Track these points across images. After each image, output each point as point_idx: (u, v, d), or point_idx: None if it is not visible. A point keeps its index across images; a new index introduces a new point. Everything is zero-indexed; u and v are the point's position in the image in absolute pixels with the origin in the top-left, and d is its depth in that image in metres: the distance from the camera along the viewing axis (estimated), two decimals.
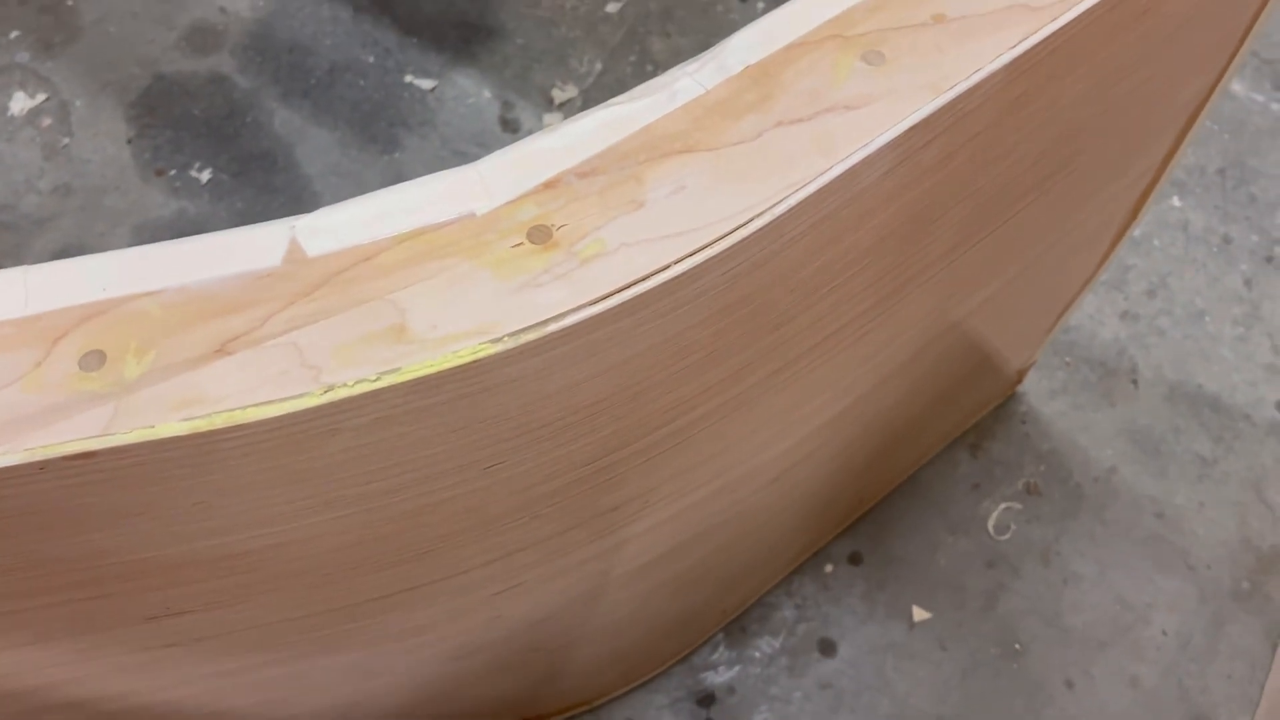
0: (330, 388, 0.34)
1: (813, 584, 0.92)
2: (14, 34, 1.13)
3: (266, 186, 1.05)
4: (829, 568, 0.92)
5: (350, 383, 0.34)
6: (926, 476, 0.97)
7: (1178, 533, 0.95)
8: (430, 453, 0.38)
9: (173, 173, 1.05)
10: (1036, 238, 0.60)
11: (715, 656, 0.89)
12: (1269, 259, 1.05)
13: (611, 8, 1.16)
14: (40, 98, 1.10)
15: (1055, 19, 0.41)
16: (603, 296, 0.35)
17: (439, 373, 0.34)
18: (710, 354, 0.42)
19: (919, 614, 0.91)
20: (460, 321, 0.35)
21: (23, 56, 1.12)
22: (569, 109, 1.09)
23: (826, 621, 0.90)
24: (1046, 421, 0.99)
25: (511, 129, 1.09)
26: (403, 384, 0.34)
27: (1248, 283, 1.04)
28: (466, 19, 1.15)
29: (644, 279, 0.36)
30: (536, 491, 0.45)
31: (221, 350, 0.34)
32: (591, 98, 1.10)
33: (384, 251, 0.36)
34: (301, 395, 0.33)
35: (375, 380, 0.34)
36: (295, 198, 1.04)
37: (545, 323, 0.35)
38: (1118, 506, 0.96)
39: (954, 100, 0.39)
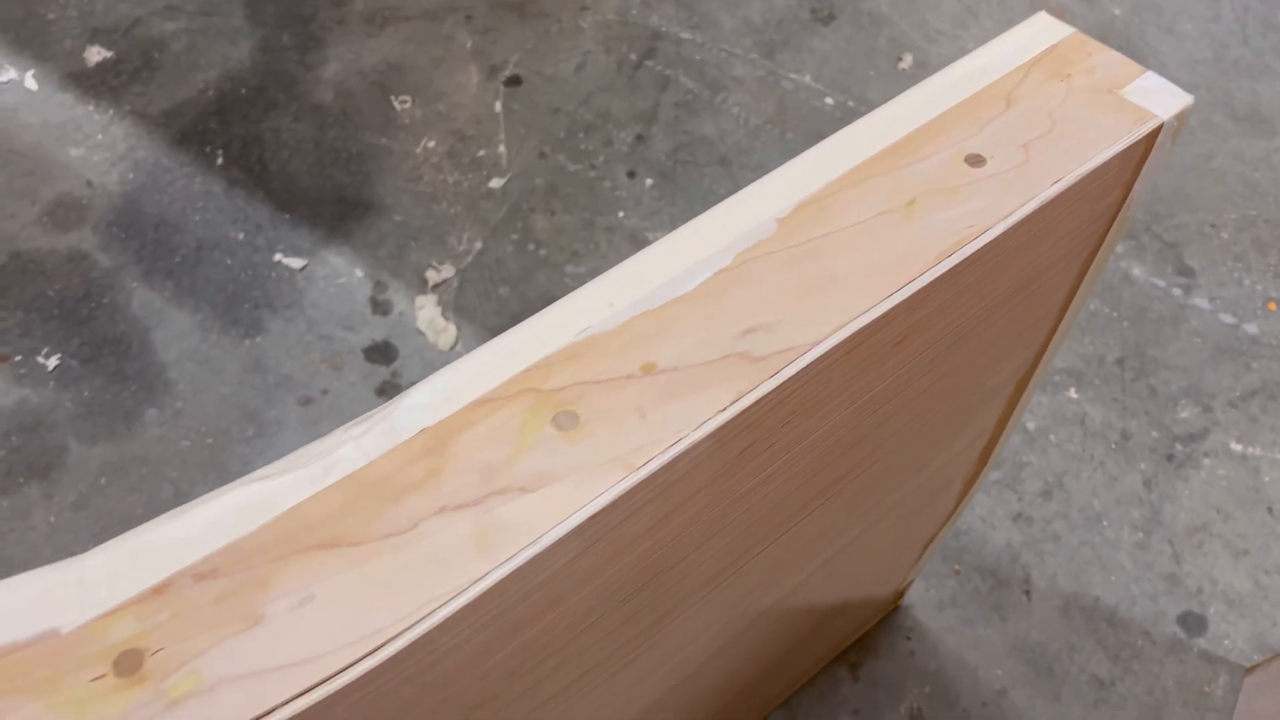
0: None
1: None
2: None
3: (118, 374, 1.00)
4: None
5: None
6: (805, 700, 0.90)
7: None
8: None
9: (18, 358, 1.00)
10: (850, 523, 0.55)
11: None
12: (1169, 457, 1.00)
13: (495, 183, 1.13)
14: None
15: (775, 373, 0.36)
16: None
17: None
18: None
19: None
20: None
21: None
22: (443, 290, 1.05)
23: None
24: (934, 637, 0.92)
25: (382, 311, 1.04)
26: None
27: (1147, 483, 0.99)
28: (344, 194, 1.12)
29: None
30: None
31: None
32: (469, 278, 1.05)
33: None
34: None
35: None
36: (148, 387, 0.99)
37: None
38: None
39: (650, 476, 0.34)
